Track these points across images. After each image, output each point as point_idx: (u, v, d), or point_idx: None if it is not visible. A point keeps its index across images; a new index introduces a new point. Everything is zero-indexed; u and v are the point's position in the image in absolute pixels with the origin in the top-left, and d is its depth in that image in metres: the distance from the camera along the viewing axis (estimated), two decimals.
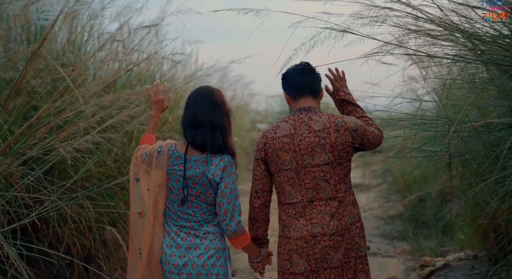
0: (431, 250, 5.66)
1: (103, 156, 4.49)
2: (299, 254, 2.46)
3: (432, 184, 7.05)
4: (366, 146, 2.58)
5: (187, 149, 2.51)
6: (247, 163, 13.01)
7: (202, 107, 2.49)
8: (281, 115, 18.38)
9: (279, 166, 2.51)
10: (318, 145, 2.46)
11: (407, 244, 6.57)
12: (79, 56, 3.94)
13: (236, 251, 6.50)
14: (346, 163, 2.52)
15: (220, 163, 2.47)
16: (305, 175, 2.47)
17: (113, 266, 4.63)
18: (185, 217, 2.52)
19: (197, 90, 2.59)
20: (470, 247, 4.42)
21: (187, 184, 2.48)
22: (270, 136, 2.55)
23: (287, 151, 2.49)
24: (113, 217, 4.56)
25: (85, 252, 4.31)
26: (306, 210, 2.47)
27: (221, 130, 2.49)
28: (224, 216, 2.45)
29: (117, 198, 4.62)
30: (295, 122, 2.53)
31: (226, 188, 2.45)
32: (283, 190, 2.53)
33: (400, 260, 5.93)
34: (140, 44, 5.73)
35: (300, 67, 2.61)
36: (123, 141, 4.92)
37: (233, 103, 10.74)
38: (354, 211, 2.53)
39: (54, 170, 4.07)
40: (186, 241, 2.50)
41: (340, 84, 2.76)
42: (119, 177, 4.54)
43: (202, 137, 2.46)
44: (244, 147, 11.57)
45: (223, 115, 2.52)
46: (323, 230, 2.44)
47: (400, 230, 7.28)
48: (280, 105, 18.47)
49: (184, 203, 2.50)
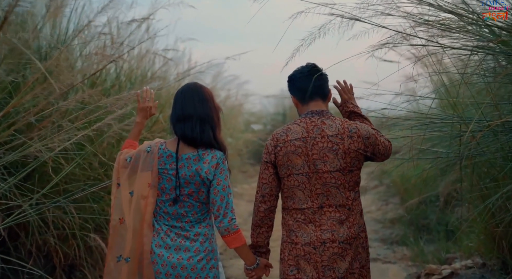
0: (433, 256, 5.42)
1: (89, 158, 4.22)
2: (307, 260, 2.42)
3: (433, 187, 6.85)
4: (377, 156, 2.54)
5: (178, 147, 2.47)
6: (241, 165, 12.78)
7: (191, 100, 2.47)
8: (276, 117, 18.23)
9: (290, 170, 2.45)
10: (331, 151, 2.42)
11: (407, 249, 6.34)
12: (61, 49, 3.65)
13: (231, 256, 6.25)
14: (357, 171, 2.47)
15: (212, 160, 2.44)
16: (316, 180, 2.42)
17: (99, 274, 4.36)
18: (176, 217, 2.49)
19: (184, 85, 2.58)
20: (479, 254, 4.17)
21: (179, 183, 2.44)
22: (282, 139, 2.48)
23: (300, 155, 2.43)
24: (99, 222, 4.28)
25: (68, 260, 4.03)
26: (315, 215, 2.43)
27: (211, 124, 2.48)
28: (217, 213, 2.42)
29: (104, 202, 4.34)
30: (307, 125, 2.47)
31: (219, 185, 2.43)
32: (292, 194, 2.47)
33: (401, 266, 5.69)
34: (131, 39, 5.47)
35: (307, 70, 2.55)
36: (111, 143, 4.64)
37: (227, 103, 10.49)
38: (361, 221, 2.50)
39: (35, 173, 3.79)
40: (175, 242, 2.46)
41: (348, 96, 2.73)
42: (106, 181, 4.27)
43: (191, 130, 2.44)
44: (238, 148, 11.31)
45: (211, 109, 2.50)
46: (332, 237, 2.41)
47: (400, 234, 7.05)
48: (274, 106, 18.40)
49: (176, 202, 2.47)
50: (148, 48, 5.35)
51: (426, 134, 3.25)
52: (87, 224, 3.93)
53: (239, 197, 9.67)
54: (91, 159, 4.14)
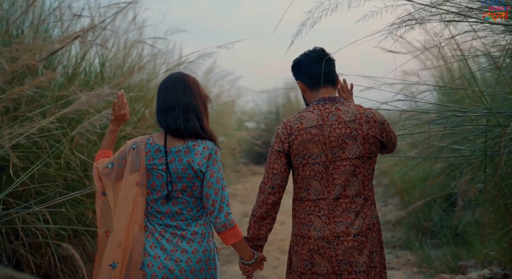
0: (441, 262, 5.04)
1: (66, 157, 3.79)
2: (321, 255, 2.34)
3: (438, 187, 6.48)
4: (388, 144, 2.47)
5: (165, 140, 2.35)
6: (234, 164, 12.37)
7: (173, 90, 2.37)
8: (269, 115, 17.97)
9: (306, 159, 2.35)
10: (350, 137, 2.33)
11: (411, 254, 5.96)
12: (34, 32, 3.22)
13: (223, 262, 5.86)
14: (374, 158, 2.40)
15: (204, 151, 2.34)
16: (334, 169, 2.34)
17: None
18: (171, 215, 2.36)
19: (168, 76, 2.47)
20: (499, 263, 3.78)
21: (171, 178, 2.32)
22: (296, 127, 2.37)
23: (316, 143, 2.34)
24: (78, 229, 3.85)
25: (41, 271, 3.60)
26: (330, 207, 2.35)
27: (195, 113, 2.36)
28: (212, 207, 2.31)
29: (83, 206, 3.92)
30: (322, 112, 2.38)
31: (212, 178, 2.32)
32: (307, 185, 2.37)
33: (406, 273, 5.32)
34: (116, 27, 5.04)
35: (316, 54, 2.45)
36: (93, 140, 4.22)
37: (219, 100, 10.08)
38: (375, 211, 2.43)
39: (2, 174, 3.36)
40: (171, 243, 2.34)
41: (346, 95, 2.65)
42: (86, 182, 3.85)
43: (174, 121, 2.33)
44: (231, 147, 10.89)
45: (196, 98, 2.39)
46: (347, 230, 2.33)
47: (402, 237, 6.66)
48: (267, 104, 18.19)
49: (169, 199, 2.35)
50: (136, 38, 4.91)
51: (446, 130, 2.86)
52: (62, 231, 3.50)
53: (232, 198, 9.28)
54: (68, 158, 3.71)
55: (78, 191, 3.84)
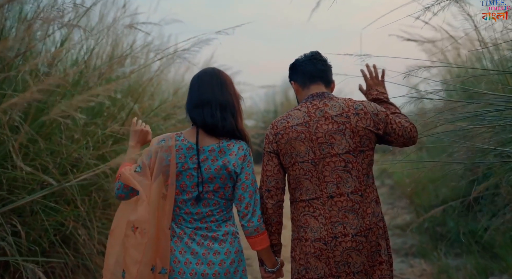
0: (464, 274, 4.54)
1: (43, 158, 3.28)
2: (317, 257, 2.29)
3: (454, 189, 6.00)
4: (392, 137, 2.37)
5: (197, 137, 2.24)
6: None
7: (209, 85, 2.29)
8: (267, 114, 17.70)
9: (294, 158, 2.32)
10: (337, 132, 2.29)
11: (426, 263, 5.48)
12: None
13: None
14: (369, 152, 2.32)
15: (239, 152, 2.28)
16: (324, 166, 2.29)
17: None
18: (200, 217, 2.27)
19: (201, 70, 2.39)
20: None
21: (202, 179, 2.23)
22: (282, 126, 2.35)
23: (303, 141, 2.31)
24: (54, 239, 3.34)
25: None
26: (325, 207, 2.29)
27: (232, 111, 2.28)
28: (246, 211, 2.27)
29: (62, 215, 3.40)
30: (309, 109, 2.35)
31: (247, 180, 2.27)
32: (299, 185, 2.34)
33: None
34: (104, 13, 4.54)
35: (310, 55, 2.47)
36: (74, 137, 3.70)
37: None
38: (378, 209, 2.34)
39: None
40: (202, 246, 2.25)
41: (374, 81, 2.60)
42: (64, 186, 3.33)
43: (211, 116, 2.24)
44: None
45: (231, 95, 2.31)
46: (344, 230, 2.27)
47: (414, 244, 6.17)
48: (265, 103, 18.10)
49: (200, 201, 2.26)
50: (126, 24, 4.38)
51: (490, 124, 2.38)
52: (34, 246, 2.98)
53: None
54: (43, 159, 3.20)
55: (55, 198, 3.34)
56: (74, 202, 3.37)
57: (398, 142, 2.40)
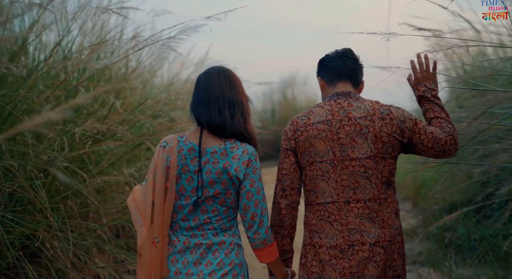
0: None
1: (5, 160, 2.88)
2: (332, 266, 2.18)
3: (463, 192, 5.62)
4: (419, 147, 2.24)
5: (201, 139, 2.14)
6: None
7: (217, 81, 2.18)
8: (264, 113, 17.41)
9: (313, 157, 2.23)
10: (360, 134, 2.19)
11: (435, 272, 5.11)
12: None
13: None
14: (391, 160, 2.21)
15: (243, 156, 2.14)
16: (343, 169, 2.19)
17: None
18: (197, 224, 2.16)
19: (209, 68, 2.31)
20: None
21: (202, 183, 2.11)
22: (302, 123, 2.26)
23: (323, 139, 2.22)
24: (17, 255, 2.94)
25: None
26: (341, 212, 2.19)
27: (241, 110, 2.17)
28: (252, 221, 2.14)
29: (32, 224, 2.99)
30: (332, 107, 2.26)
31: (252, 187, 2.13)
32: (315, 186, 2.24)
33: None
34: None
35: (342, 51, 2.38)
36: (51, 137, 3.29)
37: None
38: (397, 222, 2.23)
39: None
40: (195, 254, 2.13)
41: (423, 75, 2.42)
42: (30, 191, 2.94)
43: (219, 114, 2.12)
44: None
45: (241, 94, 2.21)
46: (362, 238, 2.17)
47: (422, 251, 5.78)
48: (263, 102, 17.91)
49: (198, 206, 2.14)
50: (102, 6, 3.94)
51: None
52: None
53: None
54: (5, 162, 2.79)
55: (22, 205, 2.93)
56: (43, 212, 2.97)
57: (427, 153, 2.26)
